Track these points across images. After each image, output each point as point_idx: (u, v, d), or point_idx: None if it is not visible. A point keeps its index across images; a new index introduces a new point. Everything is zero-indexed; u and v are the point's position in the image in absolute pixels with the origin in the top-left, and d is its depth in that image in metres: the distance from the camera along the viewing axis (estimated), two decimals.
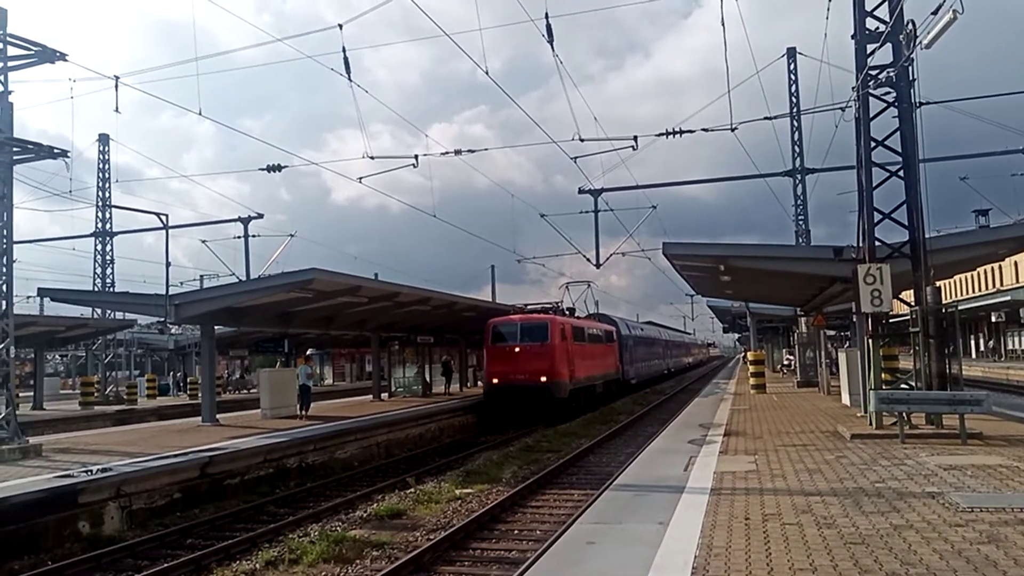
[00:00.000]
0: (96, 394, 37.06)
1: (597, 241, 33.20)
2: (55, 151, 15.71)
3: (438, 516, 11.84)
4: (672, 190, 62.23)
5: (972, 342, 67.30)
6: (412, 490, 13.65)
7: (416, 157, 22.73)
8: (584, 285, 37.41)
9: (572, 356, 26.55)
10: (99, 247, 38.89)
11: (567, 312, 30.87)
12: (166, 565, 9.60)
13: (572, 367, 26.36)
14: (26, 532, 10.33)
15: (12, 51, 15.23)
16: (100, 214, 38.81)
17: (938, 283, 15.11)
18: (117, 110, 16.92)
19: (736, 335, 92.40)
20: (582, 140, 22.29)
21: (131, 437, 18.29)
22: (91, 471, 12.24)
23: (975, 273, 61.30)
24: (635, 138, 22.93)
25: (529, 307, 29.14)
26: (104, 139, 39.23)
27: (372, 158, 21.90)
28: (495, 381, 25.32)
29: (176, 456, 13.94)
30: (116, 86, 16.44)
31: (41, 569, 9.57)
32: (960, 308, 16.68)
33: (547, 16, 15.72)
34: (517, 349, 25.36)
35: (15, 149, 15.42)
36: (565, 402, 25.49)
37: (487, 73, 16.80)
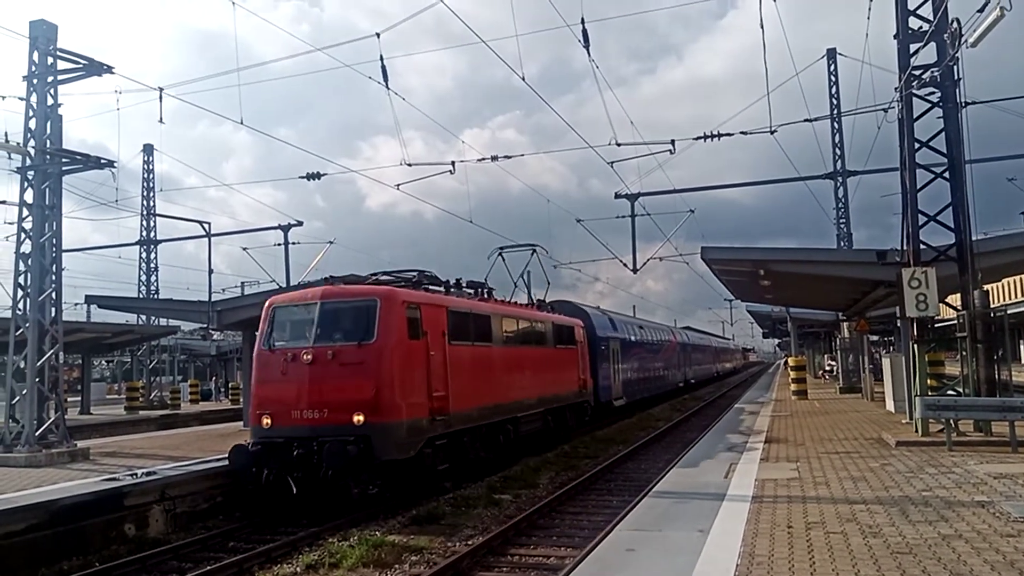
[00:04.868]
0: (141, 399, 37.92)
1: (634, 246, 32.13)
2: (102, 161, 16.12)
3: (476, 521, 11.84)
4: (708, 193, 61.81)
5: (1022, 347, 65.50)
6: (450, 495, 13.68)
7: (453, 164, 22.84)
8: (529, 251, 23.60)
9: (445, 369, 13.98)
10: (144, 255, 39.75)
11: (449, 287, 16.75)
12: (209, 568, 9.74)
13: (441, 391, 13.73)
14: (75, 533, 10.57)
15: (62, 65, 15.69)
16: (145, 223, 39.68)
17: (986, 287, 14.77)
18: (161, 121, 17.26)
19: (776, 340, 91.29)
20: (619, 144, 22.16)
21: (175, 441, 18.64)
22: (136, 475, 12.49)
23: None
24: (672, 142, 22.75)
25: (382, 276, 15.36)
26: (149, 149, 40.13)
27: (409, 165, 22.07)
28: (265, 423, 12.81)
29: (218, 460, 14.14)
30: (160, 97, 16.79)
31: (90, 570, 9.77)
32: (1009, 312, 16.25)
33: (583, 21, 15.72)
34: (308, 357, 12.61)
35: (64, 160, 15.86)
36: (415, 464, 12.95)
37: (523, 79, 16.84)
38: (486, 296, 18.60)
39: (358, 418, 12.23)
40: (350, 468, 12.01)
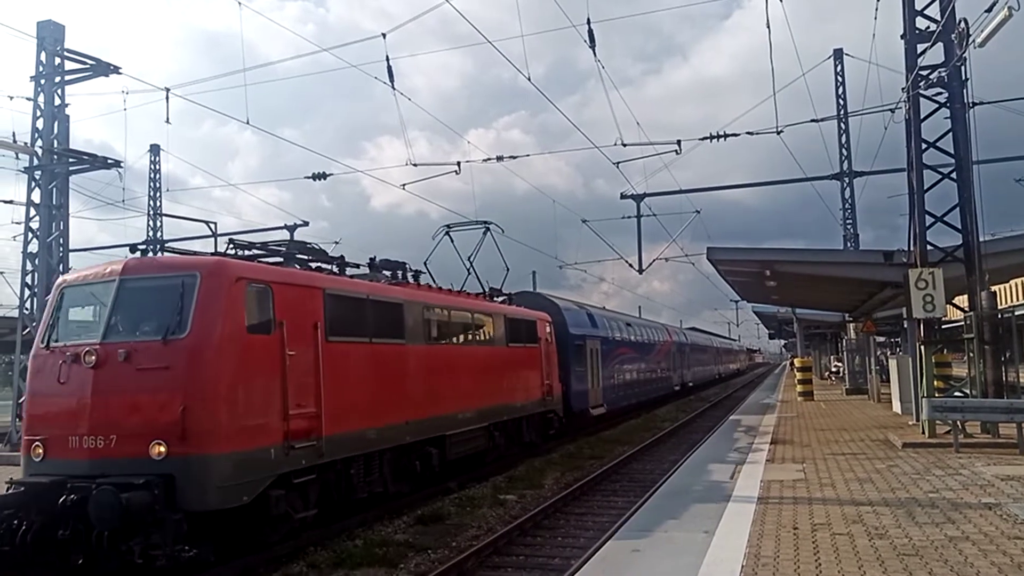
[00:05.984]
0: None
1: (640, 246, 32.01)
2: (108, 161, 16.19)
3: (480, 521, 11.84)
4: (714, 194, 61.72)
5: None
6: (455, 495, 13.68)
7: (458, 164, 22.85)
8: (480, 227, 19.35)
9: (316, 375, 10.06)
10: (150, 255, 39.83)
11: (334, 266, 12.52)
12: (215, 569, 9.74)
13: (309, 406, 9.87)
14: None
15: (69, 65, 15.77)
16: (151, 223, 39.74)
17: (993, 288, 14.70)
18: (168, 121, 17.28)
19: (782, 341, 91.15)
20: (624, 145, 22.13)
21: None
22: None
23: None
24: (678, 142, 22.73)
25: (235, 250, 11.11)
26: (155, 150, 40.21)
27: (415, 165, 22.10)
28: (36, 453, 8.96)
29: None
30: (167, 97, 16.82)
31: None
32: (1017, 313, 16.17)
33: (589, 21, 15.71)
34: (92, 359, 8.73)
35: (71, 160, 15.93)
36: (253, 513, 9.13)
37: (529, 79, 16.82)
38: (409, 280, 14.65)
39: (158, 449, 8.42)
40: (134, 526, 7.88)
